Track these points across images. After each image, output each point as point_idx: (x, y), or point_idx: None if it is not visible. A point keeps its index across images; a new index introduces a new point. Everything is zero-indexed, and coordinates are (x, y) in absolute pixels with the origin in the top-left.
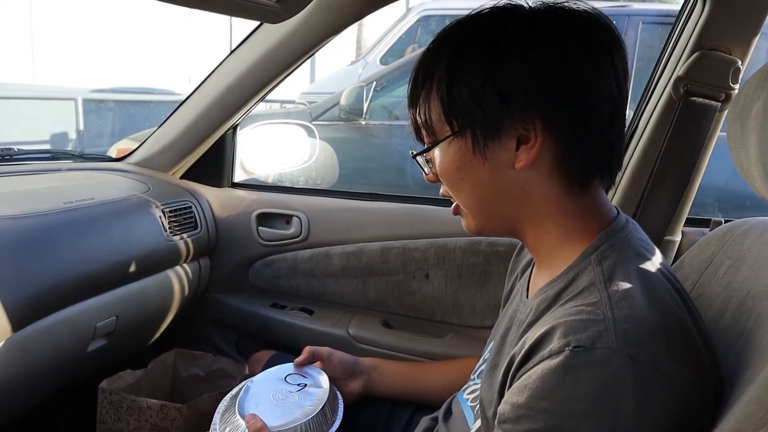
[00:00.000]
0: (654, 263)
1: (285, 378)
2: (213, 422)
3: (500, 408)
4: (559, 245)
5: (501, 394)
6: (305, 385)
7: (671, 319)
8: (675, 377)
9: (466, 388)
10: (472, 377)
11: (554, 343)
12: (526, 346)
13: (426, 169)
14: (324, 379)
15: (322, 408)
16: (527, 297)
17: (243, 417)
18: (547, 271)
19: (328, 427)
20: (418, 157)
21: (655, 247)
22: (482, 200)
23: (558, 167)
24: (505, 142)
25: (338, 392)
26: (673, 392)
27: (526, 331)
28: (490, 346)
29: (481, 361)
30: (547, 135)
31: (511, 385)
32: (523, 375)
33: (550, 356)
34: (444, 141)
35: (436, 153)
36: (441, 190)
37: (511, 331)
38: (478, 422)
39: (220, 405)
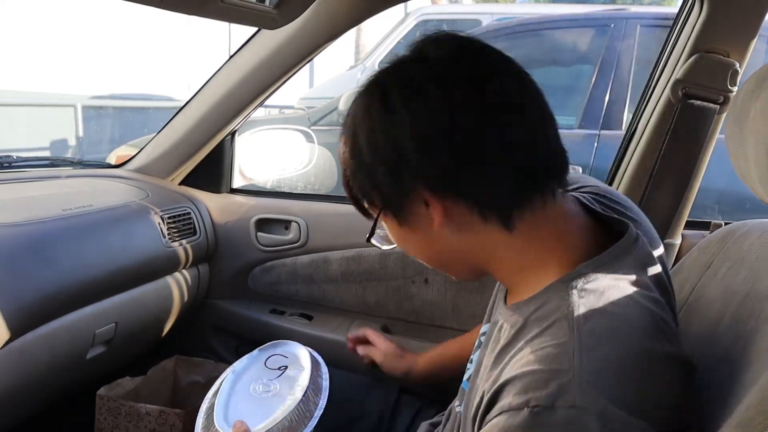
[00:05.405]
0: (643, 291)
1: (265, 362)
2: (196, 427)
3: None
4: (526, 273)
5: (474, 415)
6: (286, 367)
7: (645, 361)
8: (648, 425)
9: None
10: (468, 365)
11: (513, 399)
12: (494, 387)
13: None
14: (304, 355)
15: (304, 394)
16: (504, 303)
17: (221, 427)
18: (521, 289)
19: (315, 407)
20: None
21: (657, 263)
22: (432, 260)
23: (476, 213)
24: (417, 210)
25: (321, 362)
26: None
27: (500, 355)
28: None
29: (476, 347)
30: (438, 195)
31: (482, 423)
32: (488, 421)
33: (510, 410)
34: (378, 217)
35: (383, 223)
36: None
37: (491, 342)
38: (461, 406)
39: (203, 404)
